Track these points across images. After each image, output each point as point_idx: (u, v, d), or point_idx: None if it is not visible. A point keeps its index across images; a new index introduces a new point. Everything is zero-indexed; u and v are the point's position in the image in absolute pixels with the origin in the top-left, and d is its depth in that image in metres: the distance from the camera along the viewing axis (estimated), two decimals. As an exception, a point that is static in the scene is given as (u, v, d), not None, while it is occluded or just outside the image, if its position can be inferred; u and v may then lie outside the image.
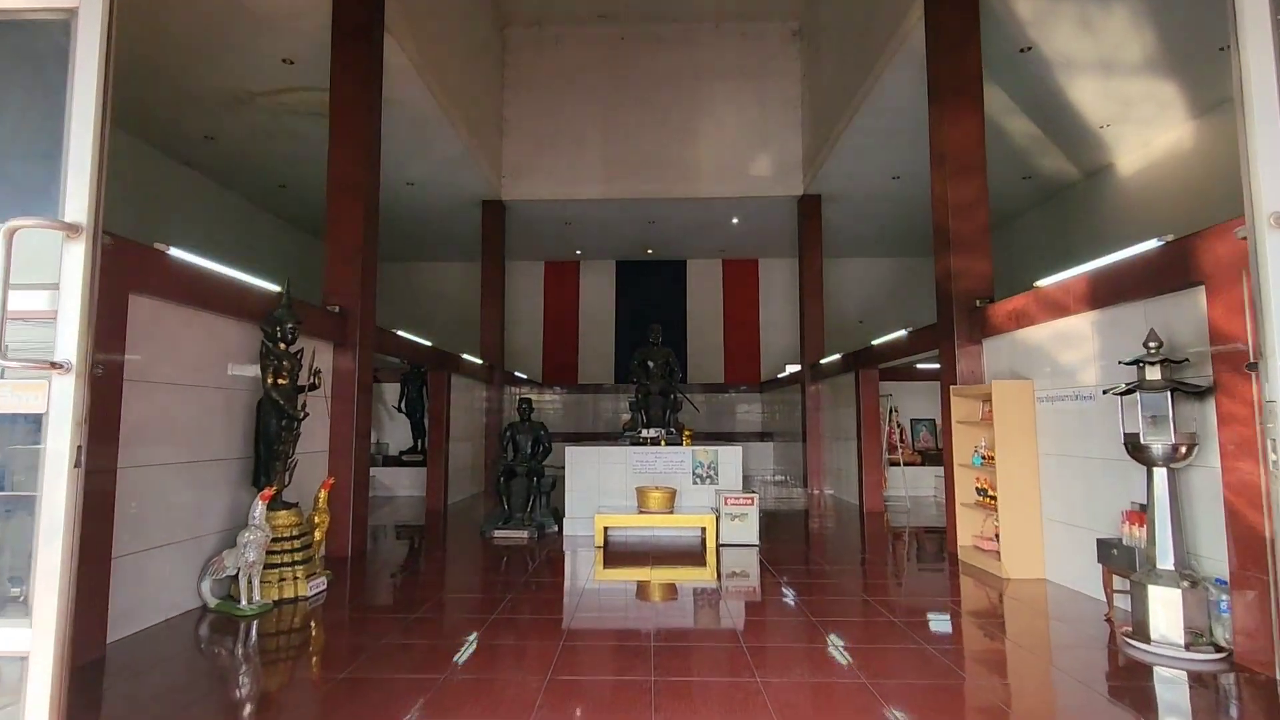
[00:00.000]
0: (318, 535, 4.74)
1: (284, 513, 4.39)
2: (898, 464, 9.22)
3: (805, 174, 11.31)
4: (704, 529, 6.35)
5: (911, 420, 11.17)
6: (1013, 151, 9.80)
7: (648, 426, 7.49)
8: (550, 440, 7.39)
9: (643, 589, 5.07)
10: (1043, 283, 4.72)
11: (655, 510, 6.37)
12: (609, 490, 6.87)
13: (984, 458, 5.48)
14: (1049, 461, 4.85)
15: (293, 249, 14.16)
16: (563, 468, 7.01)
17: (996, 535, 5.27)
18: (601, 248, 14.83)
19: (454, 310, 15.09)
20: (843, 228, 13.09)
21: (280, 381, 4.44)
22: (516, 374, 13.21)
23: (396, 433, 11.39)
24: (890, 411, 10.34)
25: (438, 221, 12.63)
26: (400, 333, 7.22)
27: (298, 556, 4.35)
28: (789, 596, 4.56)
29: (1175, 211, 9.04)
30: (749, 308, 16.06)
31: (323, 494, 4.83)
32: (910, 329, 7.04)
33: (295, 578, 4.30)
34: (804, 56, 11.31)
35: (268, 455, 4.39)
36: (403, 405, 11.14)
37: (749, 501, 6.27)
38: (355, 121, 6.04)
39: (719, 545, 6.24)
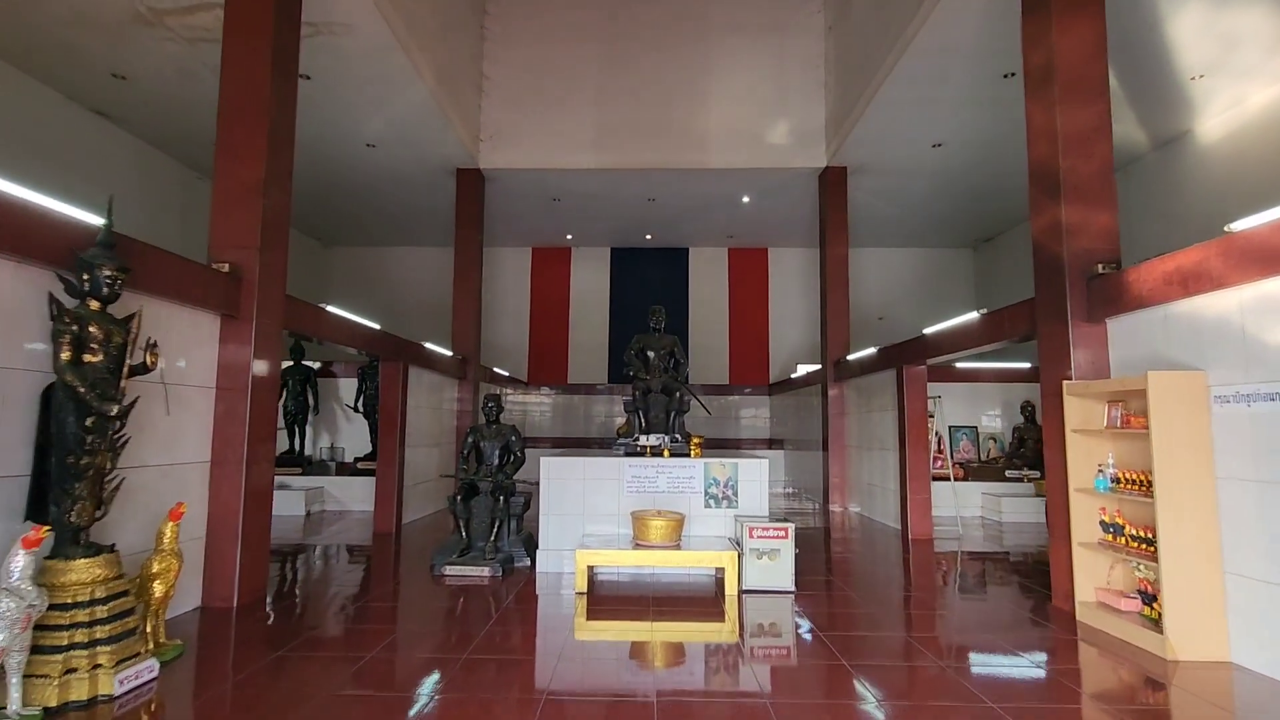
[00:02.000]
0: (157, 591, 3.16)
1: (82, 563, 2.81)
2: (946, 479, 7.68)
3: (830, 142, 9.81)
4: (721, 570, 4.79)
5: (950, 428, 9.68)
6: (1078, 112, 8.32)
7: (647, 432, 5.94)
8: (524, 448, 5.84)
9: (639, 652, 3.58)
10: (1242, 225, 3.19)
11: (656, 543, 4.81)
12: (596, 514, 5.31)
13: (1114, 480, 3.95)
14: (1236, 490, 3.32)
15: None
16: (538, 483, 5.46)
17: (1142, 592, 3.73)
18: (595, 231, 13.30)
19: (429, 302, 13.50)
20: (865, 211, 11.59)
21: (87, 358, 2.87)
22: (497, 370, 11.66)
23: (354, 436, 9.82)
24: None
25: (407, 194, 11.07)
26: (330, 308, 5.64)
27: (101, 632, 2.77)
28: (847, 674, 3.03)
29: (1267, 187, 7.58)
30: (757, 302, 14.55)
31: (170, 529, 3.26)
32: (984, 310, 5.51)
33: (96, 666, 2.72)
34: (829, 7, 9.81)
35: (60, 472, 2.82)
36: (360, 404, 9.58)
37: (782, 533, 4.71)
38: (259, 10, 4.47)
39: (741, 592, 4.69)
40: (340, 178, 10.35)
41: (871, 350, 8.10)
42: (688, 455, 5.56)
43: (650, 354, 6.43)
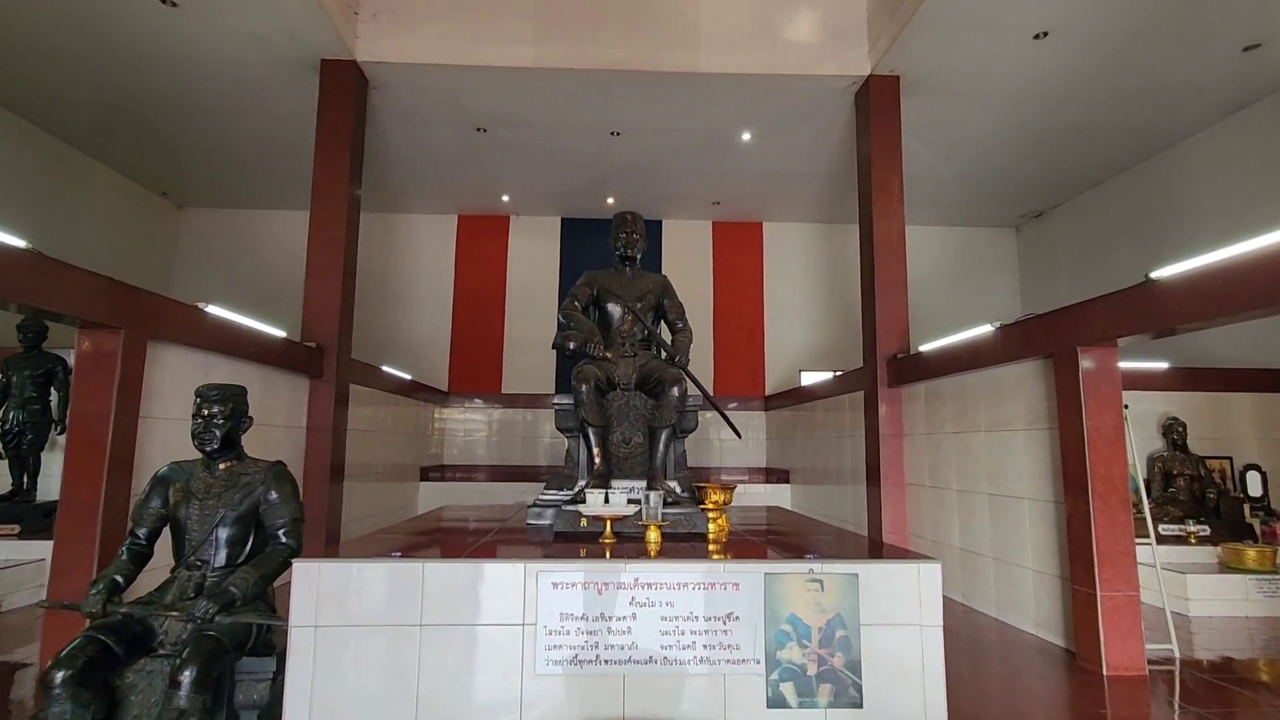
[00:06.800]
0: None
1: None
2: (1146, 541, 4.36)
3: (875, 41, 6.66)
4: None
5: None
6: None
7: (606, 478, 2.51)
8: (298, 519, 2.34)
9: None
10: None
11: None
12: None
13: None
14: None
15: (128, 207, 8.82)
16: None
17: None
18: (539, 190, 9.86)
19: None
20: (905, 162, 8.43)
21: None
22: (390, 371, 8.04)
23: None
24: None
25: (252, 108, 7.43)
26: None
27: None
28: None
29: None
30: (750, 291, 11.28)
31: None
32: None
33: None
34: None
35: None
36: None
37: None
38: None
39: None
40: (141, 70, 6.71)
41: (986, 327, 4.82)
42: (704, 537, 2.14)
43: (613, 309, 3.04)
